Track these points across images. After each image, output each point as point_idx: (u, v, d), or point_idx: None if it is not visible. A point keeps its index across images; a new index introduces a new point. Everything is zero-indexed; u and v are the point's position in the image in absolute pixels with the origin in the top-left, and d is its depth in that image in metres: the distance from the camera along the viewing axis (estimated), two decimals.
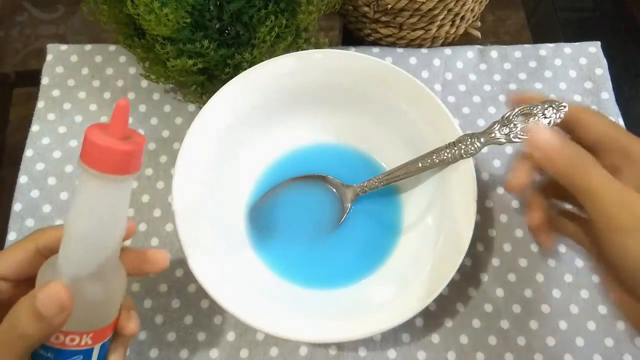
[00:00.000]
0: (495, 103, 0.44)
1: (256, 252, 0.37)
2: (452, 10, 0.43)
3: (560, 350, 0.36)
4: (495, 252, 0.39)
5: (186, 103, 0.44)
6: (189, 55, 0.37)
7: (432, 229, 0.35)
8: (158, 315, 0.37)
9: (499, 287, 0.38)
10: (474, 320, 0.37)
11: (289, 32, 0.39)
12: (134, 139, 0.23)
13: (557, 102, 0.30)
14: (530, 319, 0.37)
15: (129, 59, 0.46)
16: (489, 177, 0.41)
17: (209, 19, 0.37)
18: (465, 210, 0.33)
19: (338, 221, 0.38)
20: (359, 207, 0.38)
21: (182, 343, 0.37)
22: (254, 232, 0.38)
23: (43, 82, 0.45)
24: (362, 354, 0.36)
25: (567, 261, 0.39)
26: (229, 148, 0.37)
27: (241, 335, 0.37)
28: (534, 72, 0.45)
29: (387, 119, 0.39)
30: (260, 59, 0.38)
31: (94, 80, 0.45)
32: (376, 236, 0.38)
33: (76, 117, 0.44)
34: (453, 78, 0.45)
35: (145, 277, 0.38)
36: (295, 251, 0.38)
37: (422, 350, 0.36)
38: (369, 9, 0.44)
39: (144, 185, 0.41)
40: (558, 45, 0.46)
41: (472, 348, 0.36)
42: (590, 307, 0.37)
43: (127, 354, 0.36)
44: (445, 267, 0.32)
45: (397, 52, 0.46)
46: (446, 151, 0.34)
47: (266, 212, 0.39)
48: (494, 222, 0.40)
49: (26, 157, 0.42)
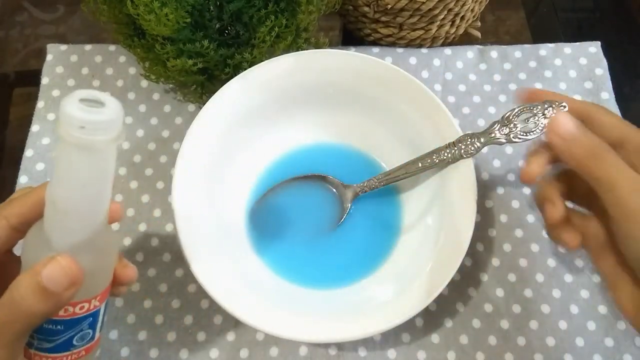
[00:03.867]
0: (495, 103, 0.44)
1: (256, 252, 0.37)
2: (452, 10, 0.43)
3: (560, 350, 0.36)
4: (495, 252, 0.39)
5: (186, 103, 0.44)
6: (189, 55, 0.37)
7: (432, 229, 0.35)
8: (158, 315, 0.37)
9: (499, 287, 0.38)
10: (474, 320, 0.37)
11: (289, 32, 0.39)
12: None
13: (557, 102, 0.30)
14: (530, 319, 0.37)
15: (129, 59, 0.46)
16: (489, 177, 0.41)
17: (209, 19, 0.37)
18: (465, 210, 0.33)
19: (338, 221, 0.38)
20: (359, 207, 0.38)
21: (182, 343, 0.37)
22: (254, 232, 0.38)
23: (43, 82, 0.45)
24: (362, 354, 0.36)
25: (567, 261, 0.39)
26: (229, 148, 0.37)
27: (241, 335, 0.37)
28: (534, 72, 0.45)
29: (387, 119, 0.39)
30: (260, 59, 0.38)
31: (94, 80, 0.45)
32: (376, 236, 0.38)
33: None
34: (453, 78, 0.45)
35: (146, 277, 0.38)
36: (296, 251, 0.38)
37: (422, 350, 0.36)
38: (369, 9, 0.44)
39: (144, 186, 0.41)
40: (558, 45, 0.46)
41: (472, 348, 0.36)
42: (590, 307, 0.37)
43: (127, 354, 0.36)
44: (445, 267, 0.32)
45: (397, 52, 0.46)
46: (446, 151, 0.34)
47: (266, 212, 0.39)
48: (494, 222, 0.40)
49: (26, 157, 0.42)
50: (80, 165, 0.22)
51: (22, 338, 0.23)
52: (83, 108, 0.21)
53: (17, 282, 0.22)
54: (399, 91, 0.37)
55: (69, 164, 0.22)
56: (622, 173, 0.25)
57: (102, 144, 0.22)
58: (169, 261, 0.39)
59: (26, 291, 0.22)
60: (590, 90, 0.44)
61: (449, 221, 0.34)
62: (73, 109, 0.21)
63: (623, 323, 0.37)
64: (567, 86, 0.44)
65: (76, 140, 0.21)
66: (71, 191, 0.23)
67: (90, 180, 0.23)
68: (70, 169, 0.22)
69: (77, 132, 0.21)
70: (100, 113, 0.21)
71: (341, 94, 0.39)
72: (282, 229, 0.38)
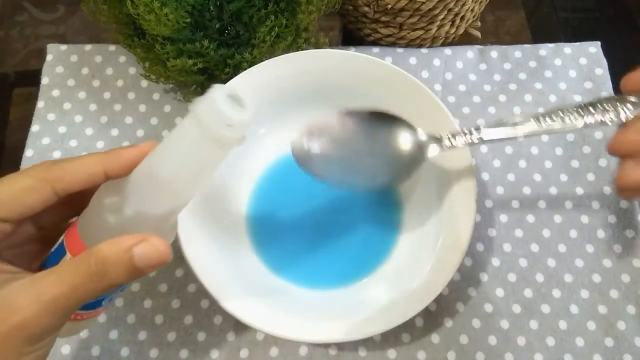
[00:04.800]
0: (495, 103, 0.44)
1: (256, 252, 0.37)
2: (452, 10, 0.43)
3: (560, 350, 0.36)
4: (495, 252, 0.39)
5: (186, 103, 0.44)
6: (189, 55, 0.37)
7: (432, 229, 0.35)
8: (158, 315, 0.37)
9: (499, 287, 0.38)
10: (474, 320, 0.37)
11: (289, 32, 0.39)
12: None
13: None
14: (530, 319, 0.37)
15: (129, 59, 0.46)
16: (489, 177, 0.42)
17: (209, 19, 0.37)
18: (465, 210, 0.33)
19: (400, 179, 0.32)
20: (359, 207, 0.38)
21: (182, 343, 0.37)
22: (255, 232, 0.38)
23: (43, 82, 0.45)
24: (362, 354, 0.36)
25: (567, 261, 0.39)
26: None
27: (241, 335, 0.37)
28: (534, 72, 0.45)
29: None
30: (260, 59, 0.38)
31: (94, 80, 0.45)
32: (376, 236, 0.38)
33: (76, 117, 0.44)
34: (453, 78, 0.45)
35: (146, 277, 0.38)
36: (295, 251, 0.38)
37: (422, 350, 0.36)
38: (369, 9, 0.44)
39: None
40: (558, 45, 0.46)
41: (472, 348, 0.36)
42: (590, 307, 0.37)
43: (127, 354, 0.36)
44: (445, 267, 0.32)
45: (397, 52, 0.46)
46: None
47: (267, 210, 0.39)
48: (494, 222, 0.40)
49: (26, 157, 0.42)
50: (208, 157, 0.23)
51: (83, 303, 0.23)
52: (234, 106, 0.22)
53: (102, 252, 0.22)
54: (399, 91, 0.37)
55: (198, 153, 0.23)
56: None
57: (236, 142, 0.23)
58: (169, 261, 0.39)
59: (115, 265, 0.22)
60: (590, 90, 0.44)
61: (449, 221, 0.34)
62: (225, 106, 0.22)
63: (623, 323, 0.37)
64: (567, 86, 0.44)
65: (219, 136, 0.22)
66: (188, 178, 0.24)
67: (208, 172, 0.24)
68: (197, 158, 0.23)
69: (223, 129, 0.22)
70: (244, 113, 0.22)
71: (341, 94, 0.39)
72: (283, 229, 0.38)
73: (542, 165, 0.42)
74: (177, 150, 0.23)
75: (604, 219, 0.40)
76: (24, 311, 0.21)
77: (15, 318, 0.21)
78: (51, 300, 0.22)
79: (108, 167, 0.25)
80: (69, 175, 0.24)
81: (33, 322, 0.21)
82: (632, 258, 0.39)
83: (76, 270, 0.22)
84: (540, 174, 0.41)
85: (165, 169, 0.23)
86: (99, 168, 0.25)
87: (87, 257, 0.22)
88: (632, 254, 0.39)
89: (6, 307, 0.21)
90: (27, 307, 0.21)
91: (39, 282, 0.22)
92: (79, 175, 0.24)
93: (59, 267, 0.23)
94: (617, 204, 0.40)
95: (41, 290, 0.22)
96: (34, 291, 0.22)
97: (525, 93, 0.44)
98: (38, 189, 0.24)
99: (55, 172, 0.24)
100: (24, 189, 0.24)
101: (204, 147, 0.23)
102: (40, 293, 0.22)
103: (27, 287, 0.22)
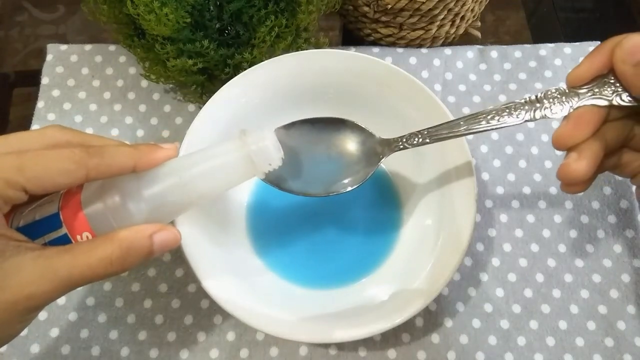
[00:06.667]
0: (495, 103, 0.44)
1: (256, 252, 0.37)
2: (452, 10, 0.43)
3: (560, 350, 0.36)
4: (495, 252, 0.39)
5: (186, 103, 0.44)
6: (189, 55, 0.37)
7: (432, 229, 0.35)
8: (158, 315, 0.37)
9: (499, 287, 0.38)
10: (474, 320, 0.37)
11: (289, 32, 0.39)
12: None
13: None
14: (530, 319, 0.37)
15: (129, 59, 0.46)
16: (489, 177, 0.42)
17: (209, 19, 0.37)
18: (465, 210, 0.33)
19: (356, 182, 0.32)
20: (358, 207, 0.39)
21: (182, 343, 0.37)
22: (254, 232, 0.38)
23: (43, 82, 0.45)
24: (362, 354, 0.36)
25: (567, 261, 0.39)
26: None
27: (241, 335, 0.37)
28: (534, 72, 0.45)
29: (387, 119, 0.39)
30: (260, 59, 0.38)
31: (94, 80, 0.45)
32: (376, 236, 0.38)
33: (76, 117, 0.44)
34: (453, 78, 0.45)
35: (145, 277, 0.38)
36: (295, 251, 0.38)
37: (422, 350, 0.36)
38: (369, 9, 0.44)
39: None
40: (558, 45, 0.46)
41: (472, 348, 0.36)
42: (590, 307, 0.37)
43: (127, 354, 0.36)
44: (445, 267, 0.32)
45: (397, 52, 0.46)
46: (521, 109, 0.29)
47: (267, 211, 0.39)
48: (494, 222, 0.40)
49: None
50: (241, 177, 0.28)
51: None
52: (279, 148, 0.28)
53: (127, 239, 0.24)
54: (399, 91, 0.37)
55: (234, 175, 0.28)
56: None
57: (263, 175, 0.28)
58: (169, 261, 0.39)
59: (137, 251, 0.24)
60: None
61: (449, 221, 0.34)
62: (277, 150, 0.28)
63: (623, 323, 0.37)
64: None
65: (259, 170, 0.28)
66: (215, 191, 0.29)
67: (232, 187, 0.29)
68: (230, 178, 0.28)
69: (266, 167, 0.28)
70: (281, 159, 0.28)
71: (341, 94, 0.39)
72: (283, 229, 0.38)
73: (542, 165, 0.42)
74: (215, 167, 0.27)
75: (604, 219, 0.40)
76: (35, 285, 0.22)
77: (27, 290, 0.22)
78: (64, 279, 0.23)
79: (138, 163, 0.26)
80: (103, 166, 0.25)
81: (42, 297, 0.22)
82: (632, 258, 0.39)
83: (94, 254, 0.23)
84: (540, 174, 0.41)
85: (198, 178, 0.27)
86: (131, 163, 0.26)
87: (109, 242, 0.24)
88: (632, 254, 0.39)
89: (18, 278, 0.22)
90: (38, 281, 0.22)
91: (53, 260, 0.23)
92: (112, 167, 0.25)
93: (75, 247, 0.23)
94: (617, 204, 0.40)
95: (55, 267, 0.23)
96: (49, 268, 0.23)
97: (525, 93, 0.44)
98: (74, 174, 0.24)
99: (94, 161, 0.24)
100: (62, 171, 0.24)
101: (241, 173, 0.28)
102: (54, 270, 0.23)
103: (39, 262, 0.23)
